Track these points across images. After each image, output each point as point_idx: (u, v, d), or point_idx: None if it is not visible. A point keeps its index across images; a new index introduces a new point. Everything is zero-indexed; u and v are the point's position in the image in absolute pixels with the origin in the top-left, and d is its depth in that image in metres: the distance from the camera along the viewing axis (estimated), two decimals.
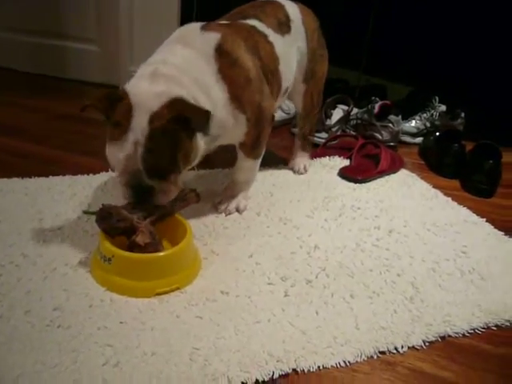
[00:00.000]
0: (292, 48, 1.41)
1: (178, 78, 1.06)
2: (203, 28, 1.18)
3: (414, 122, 2.04)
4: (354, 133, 1.95)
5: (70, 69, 2.45)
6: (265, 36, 1.31)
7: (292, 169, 1.63)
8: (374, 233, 1.30)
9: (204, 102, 1.08)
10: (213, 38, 1.15)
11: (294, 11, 1.45)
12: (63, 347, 0.84)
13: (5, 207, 1.24)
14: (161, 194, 1.05)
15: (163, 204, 1.06)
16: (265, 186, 1.50)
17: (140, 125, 0.98)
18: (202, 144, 1.10)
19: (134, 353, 0.85)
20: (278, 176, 1.60)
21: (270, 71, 1.29)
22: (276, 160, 1.67)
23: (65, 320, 0.90)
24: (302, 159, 1.64)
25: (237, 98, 1.16)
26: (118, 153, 1.00)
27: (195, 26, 1.19)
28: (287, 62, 1.37)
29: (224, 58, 1.14)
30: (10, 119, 1.90)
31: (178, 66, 1.08)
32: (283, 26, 1.38)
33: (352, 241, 1.25)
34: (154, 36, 2.17)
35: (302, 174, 1.61)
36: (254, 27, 1.30)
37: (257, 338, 0.91)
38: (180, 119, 0.99)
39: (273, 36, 1.33)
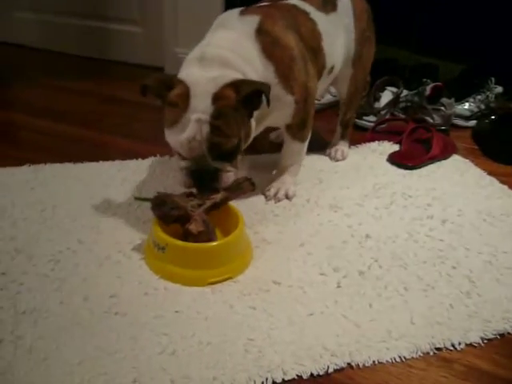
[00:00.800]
0: (338, 26, 1.37)
1: (228, 59, 1.06)
2: (241, 13, 1.18)
3: (467, 104, 1.95)
4: (403, 116, 1.89)
5: (115, 51, 2.47)
6: (306, 14, 1.29)
7: (329, 155, 1.59)
8: (427, 222, 1.26)
9: (256, 79, 1.08)
10: (252, 20, 1.15)
11: None
12: (121, 334, 0.86)
13: (59, 192, 1.27)
14: (225, 178, 1.04)
15: (225, 186, 1.06)
16: (313, 172, 1.47)
17: (201, 104, 0.98)
18: (254, 125, 1.10)
19: (189, 342, 0.85)
20: (325, 161, 1.57)
21: (312, 48, 1.26)
22: (322, 144, 1.63)
23: (121, 307, 0.92)
24: (340, 146, 1.60)
25: (285, 77, 1.15)
26: (180, 135, 0.99)
27: (233, 12, 1.20)
28: (332, 39, 1.34)
29: (266, 38, 1.14)
30: (59, 103, 1.93)
31: (224, 47, 1.08)
32: (328, 4, 1.36)
33: (404, 230, 1.22)
34: (199, 16, 2.17)
35: (338, 160, 1.57)
36: (294, 6, 1.28)
37: (310, 330, 0.90)
38: (244, 99, 1.00)
39: (315, 14, 1.30)
